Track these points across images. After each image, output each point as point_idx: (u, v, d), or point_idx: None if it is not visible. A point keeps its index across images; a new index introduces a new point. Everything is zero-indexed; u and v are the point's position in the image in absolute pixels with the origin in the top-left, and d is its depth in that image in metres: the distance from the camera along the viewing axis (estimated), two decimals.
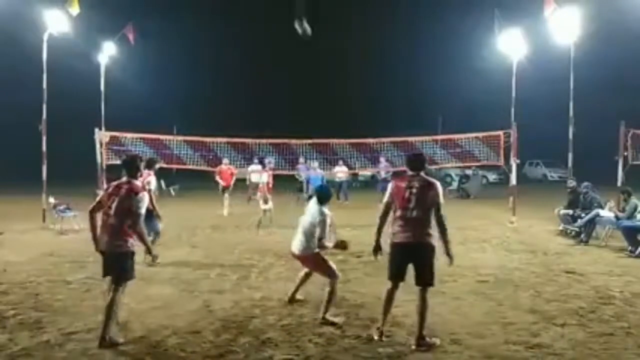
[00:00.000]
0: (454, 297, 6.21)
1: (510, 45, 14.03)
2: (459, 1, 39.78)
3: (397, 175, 5.43)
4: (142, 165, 5.44)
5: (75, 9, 13.41)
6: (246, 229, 11.94)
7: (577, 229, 10.43)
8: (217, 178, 15.12)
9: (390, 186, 5.06)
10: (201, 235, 11.15)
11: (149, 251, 5.19)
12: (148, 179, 7.88)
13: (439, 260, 4.85)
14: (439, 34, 37.93)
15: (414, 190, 4.80)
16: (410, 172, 4.98)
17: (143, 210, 4.85)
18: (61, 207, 12.18)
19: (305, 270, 5.93)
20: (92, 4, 16.93)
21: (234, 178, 15.24)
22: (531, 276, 7.36)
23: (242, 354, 4.57)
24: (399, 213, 4.87)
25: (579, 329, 5.15)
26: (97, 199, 5.12)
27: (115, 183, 4.98)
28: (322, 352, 4.60)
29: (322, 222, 5.48)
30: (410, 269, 4.87)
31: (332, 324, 5.27)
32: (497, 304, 6.00)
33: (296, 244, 5.63)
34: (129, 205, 4.77)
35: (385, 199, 5.03)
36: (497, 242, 10.23)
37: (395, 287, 4.95)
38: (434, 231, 4.80)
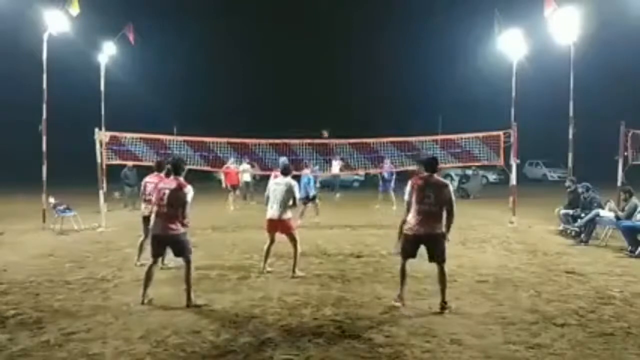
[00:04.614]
0: (454, 297, 6.20)
1: (510, 45, 14.01)
2: (459, 1, 39.81)
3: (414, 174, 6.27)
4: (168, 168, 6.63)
5: (75, 9, 13.37)
6: (246, 228, 11.95)
7: (577, 229, 10.42)
8: (224, 177, 15.63)
9: (408, 185, 5.87)
10: (201, 235, 11.14)
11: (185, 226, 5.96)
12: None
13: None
14: (439, 34, 37.93)
15: (432, 188, 5.69)
16: (425, 173, 5.88)
17: (190, 199, 5.89)
18: (61, 207, 12.19)
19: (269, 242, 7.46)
20: (92, 4, 16.91)
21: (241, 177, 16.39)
22: (531, 276, 7.36)
23: (242, 354, 4.57)
24: (416, 207, 5.71)
25: (579, 329, 5.15)
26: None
27: (155, 180, 6.32)
28: (322, 352, 4.60)
29: (293, 190, 7.27)
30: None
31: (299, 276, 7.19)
32: (497, 304, 6.00)
33: (274, 212, 7.27)
34: (178, 196, 5.82)
35: (407, 197, 5.86)
36: (497, 242, 10.23)
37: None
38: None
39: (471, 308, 5.84)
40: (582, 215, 10.36)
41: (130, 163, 15.10)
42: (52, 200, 12.32)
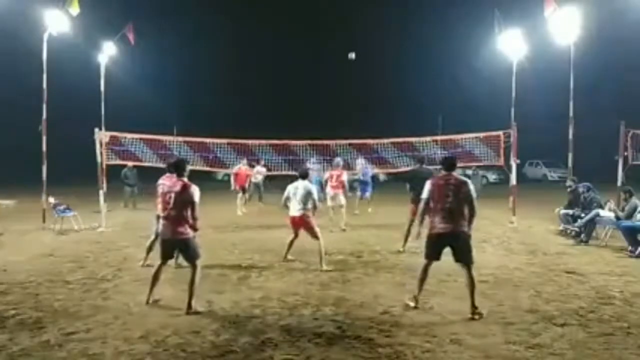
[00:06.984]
0: (454, 297, 6.20)
1: (510, 45, 14.00)
2: (459, 1, 39.81)
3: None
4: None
5: (75, 9, 13.37)
6: (246, 228, 11.96)
7: (577, 229, 10.41)
8: (233, 180, 15.40)
9: (428, 184, 5.85)
10: (201, 235, 11.12)
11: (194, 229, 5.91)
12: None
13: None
14: (439, 34, 37.92)
15: (451, 187, 5.66)
16: (444, 172, 5.84)
17: (197, 199, 5.78)
18: (61, 207, 12.19)
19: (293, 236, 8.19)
20: (92, 4, 16.91)
21: (249, 179, 15.81)
22: (531, 276, 7.36)
23: (242, 354, 4.57)
24: (439, 206, 5.67)
25: (579, 329, 5.15)
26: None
27: (167, 183, 5.93)
28: (322, 352, 4.60)
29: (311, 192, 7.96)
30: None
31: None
32: (497, 304, 6.00)
33: (295, 209, 7.94)
34: (185, 198, 5.72)
35: (425, 195, 5.84)
36: (497, 242, 10.22)
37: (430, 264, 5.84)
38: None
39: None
40: (582, 215, 10.35)
41: (130, 163, 15.11)
42: (52, 200, 12.32)
